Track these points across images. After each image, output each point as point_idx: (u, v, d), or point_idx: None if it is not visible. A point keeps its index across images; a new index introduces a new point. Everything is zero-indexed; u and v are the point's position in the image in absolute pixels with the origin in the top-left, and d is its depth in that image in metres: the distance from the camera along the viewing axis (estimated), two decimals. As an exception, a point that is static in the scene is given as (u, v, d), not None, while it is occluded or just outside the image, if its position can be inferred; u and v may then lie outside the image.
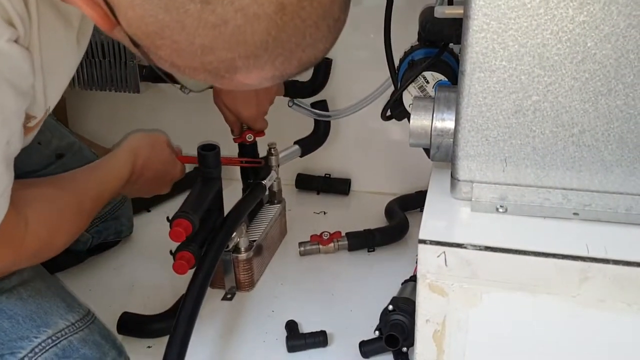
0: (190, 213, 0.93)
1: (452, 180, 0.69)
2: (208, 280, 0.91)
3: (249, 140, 1.14)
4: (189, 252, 0.93)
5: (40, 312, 0.79)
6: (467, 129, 0.65)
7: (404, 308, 0.89)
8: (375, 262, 1.17)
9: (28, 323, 0.77)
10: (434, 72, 0.85)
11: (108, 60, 1.30)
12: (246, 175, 1.17)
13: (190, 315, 0.85)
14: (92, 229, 1.14)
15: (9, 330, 0.76)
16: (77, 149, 1.12)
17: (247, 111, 1.11)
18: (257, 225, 1.15)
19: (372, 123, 1.34)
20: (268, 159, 1.18)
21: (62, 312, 0.80)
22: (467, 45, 0.62)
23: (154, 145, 0.98)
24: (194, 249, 0.94)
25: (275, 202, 1.22)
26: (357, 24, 1.27)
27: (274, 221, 1.19)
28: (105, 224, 1.16)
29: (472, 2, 0.60)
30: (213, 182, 1.03)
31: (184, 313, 0.85)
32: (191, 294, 0.88)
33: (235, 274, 1.09)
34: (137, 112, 1.45)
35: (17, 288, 0.79)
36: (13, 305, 0.78)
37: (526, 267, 0.62)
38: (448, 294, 0.64)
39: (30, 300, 0.79)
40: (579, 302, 0.63)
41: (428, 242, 0.63)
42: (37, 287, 0.82)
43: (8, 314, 0.77)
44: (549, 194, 0.66)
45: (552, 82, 0.62)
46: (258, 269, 1.12)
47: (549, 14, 0.59)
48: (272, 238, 1.19)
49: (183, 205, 0.96)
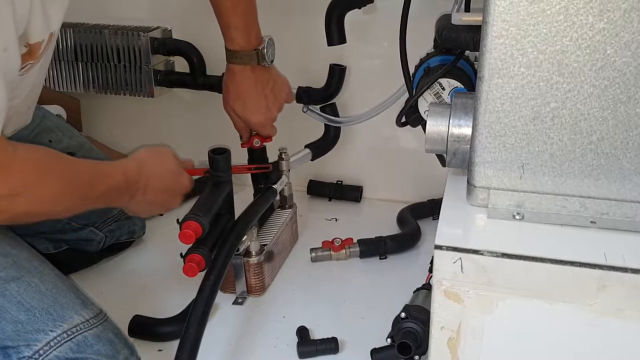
0: (200, 215, 0.93)
1: (469, 187, 0.68)
2: (218, 284, 0.91)
3: (256, 145, 1.15)
4: (199, 254, 0.93)
5: (56, 306, 0.79)
6: (484, 135, 0.65)
7: (417, 316, 0.88)
8: (387, 269, 1.17)
9: (45, 316, 0.78)
10: (450, 79, 0.85)
11: (123, 65, 1.31)
12: (257, 180, 1.18)
13: (200, 318, 0.85)
14: (105, 228, 1.14)
15: (26, 322, 0.77)
16: (87, 149, 1.13)
17: (256, 117, 1.11)
18: (268, 229, 1.15)
19: (384, 130, 1.34)
20: (279, 164, 1.18)
21: (77, 307, 0.81)
22: (485, 51, 0.62)
23: (160, 156, 0.97)
24: (204, 251, 0.94)
25: (287, 206, 1.22)
26: (370, 33, 1.28)
27: (285, 226, 1.19)
28: (118, 223, 1.16)
29: (490, 8, 0.60)
30: (224, 185, 1.03)
31: (194, 316, 0.85)
32: (201, 298, 0.87)
33: (246, 278, 1.08)
34: (151, 117, 1.46)
35: (34, 280, 0.80)
36: (31, 297, 0.78)
37: (543, 275, 0.62)
38: (463, 301, 0.64)
39: (48, 293, 0.80)
40: (596, 311, 0.62)
41: (444, 248, 0.63)
42: (54, 282, 0.82)
43: (25, 306, 0.78)
44: (566, 202, 0.66)
45: (570, 89, 0.61)
46: (269, 273, 1.12)
47: (568, 21, 0.59)
48: (284, 243, 1.19)
49: (193, 208, 0.96)
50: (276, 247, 1.15)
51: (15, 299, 0.78)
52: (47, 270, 0.83)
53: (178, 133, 1.44)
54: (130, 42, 1.28)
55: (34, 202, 0.76)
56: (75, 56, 1.33)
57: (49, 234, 1.11)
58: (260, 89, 1.10)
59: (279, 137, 1.18)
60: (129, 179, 0.90)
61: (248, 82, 1.09)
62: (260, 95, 1.11)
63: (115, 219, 1.15)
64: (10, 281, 0.79)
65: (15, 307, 0.77)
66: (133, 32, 1.28)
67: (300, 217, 1.34)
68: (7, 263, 0.80)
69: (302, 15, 1.31)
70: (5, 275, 0.79)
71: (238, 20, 1.06)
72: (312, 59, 1.32)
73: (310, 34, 1.25)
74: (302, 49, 1.33)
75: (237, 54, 1.07)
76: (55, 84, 1.36)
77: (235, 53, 1.07)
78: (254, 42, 1.07)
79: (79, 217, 1.11)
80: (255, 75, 1.09)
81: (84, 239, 1.13)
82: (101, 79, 1.33)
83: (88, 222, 1.12)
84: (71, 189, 0.81)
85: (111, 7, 1.32)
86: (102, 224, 1.14)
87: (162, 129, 1.47)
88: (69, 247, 1.14)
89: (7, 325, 0.77)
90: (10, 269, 0.80)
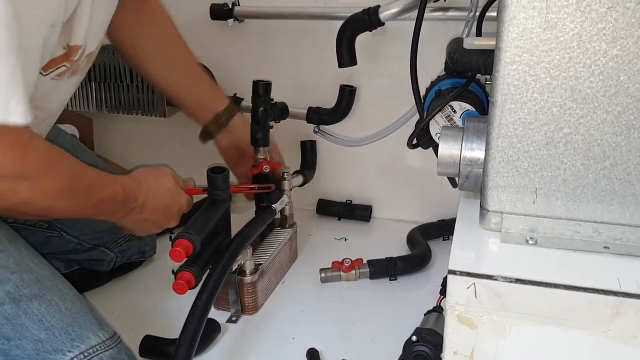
0: (192, 234, 0.93)
1: (482, 211, 0.68)
2: (211, 302, 0.91)
3: (265, 171, 1.16)
4: (190, 272, 0.93)
5: (75, 326, 0.80)
6: (497, 160, 0.65)
7: (428, 339, 0.88)
8: (397, 291, 1.16)
9: (64, 336, 0.78)
10: (462, 102, 0.85)
11: (136, 85, 1.33)
12: (260, 199, 1.18)
13: (192, 336, 0.86)
14: (116, 248, 1.15)
15: (45, 341, 0.77)
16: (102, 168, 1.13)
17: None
18: (265, 248, 1.16)
19: (394, 150, 1.35)
20: (280, 184, 1.19)
21: (95, 328, 0.82)
22: (498, 77, 0.63)
23: (159, 176, 0.98)
24: (195, 270, 0.94)
25: (287, 226, 1.23)
26: (381, 54, 1.29)
27: (284, 245, 1.19)
28: (129, 243, 1.17)
29: (504, 34, 0.61)
30: (221, 204, 1.03)
31: (186, 334, 0.85)
32: (193, 316, 0.88)
33: (240, 297, 1.08)
34: (163, 136, 1.47)
35: (55, 299, 0.81)
36: (52, 316, 0.79)
37: (557, 301, 0.62)
38: (477, 326, 0.64)
39: (67, 313, 0.81)
40: (610, 338, 0.62)
41: (458, 273, 0.63)
42: (73, 301, 0.83)
43: (46, 325, 0.79)
44: (579, 227, 0.66)
45: (584, 115, 0.62)
46: (263, 293, 1.12)
47: (582, 48, 0.59)
48: (281, 262, 1.19)
49: (187, 226, 0.96)
50: (272, 267, 1.15)
51: (37, 317, 0.78)
52: (67, 289, 0.84)
53: (189, 153, 1.45)
54: (143, 63, 1.30)
55: (36, 192, 0.76)
56: (89, 76, 1.34)
57: (60, 254, 1.12)
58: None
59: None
60: (128, 194, 0.90)
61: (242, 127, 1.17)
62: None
63: (127, 239, 1.15)
64: (33, 299, 0.79)
65: (36, 325, 0.78)
66: (146, 53, 1.29)
67: (309, 236, 1.35)
68: (31, 280, 0.81)
69: (314, 37, 1.33)
70: (28, 293, 0.80)
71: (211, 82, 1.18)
72: (323, 79, 1.33)
73: (322, 55, 1.27)
74: (313, 70, 1.35)
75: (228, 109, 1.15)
76: (69, 103, 1.37)
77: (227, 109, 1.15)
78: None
79: (90, 237, 1.12)
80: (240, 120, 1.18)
81: (95, 259, 1.14)
82: (114, 98, 1.34)
83: (99, 243, 1.13)
84: (72, 188, 0.81)
85: (125, 28, 1.33)
86: (113, 244, 1.14)
87: (174, 148, 1.48)
88: (80, 267, 1.15)
89: (28, 344, 0.77)
90: (33, 287, 0.80)
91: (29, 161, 0.73)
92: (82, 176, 0.83)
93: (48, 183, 0.77)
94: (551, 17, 0.59)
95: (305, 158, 1.39)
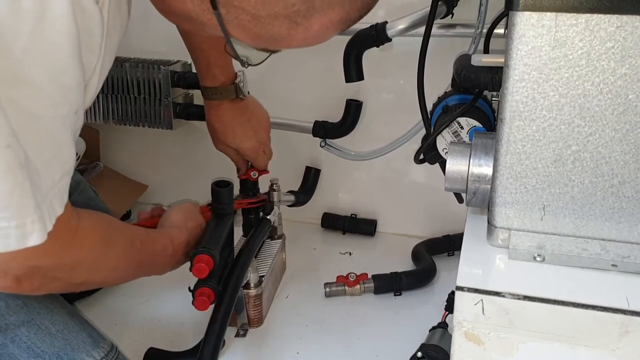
0: (211, 248, 0.93)
1: (489, 227, 0.68)
2: (229, 316, 0.91)
3: (253, 177, 1.17)
4: (209, 288, 0.93)
5: (67, 349, 0.79)
6: (505, 176, 0.65)
7: (434, 355, 0.87)
8: (402, 306, 1.16)
9: None
10: (469, 118, 0.86)
11: (143, 97, 1.33)
12: (248, 211, 1.18)
13: (212, 352, 0.85)
14: None
15: None
16: (82, 189, 1.10)
17: (247, 143, 1.14)
18: (262, 260, 1.16)
19: (399, 164, 1.35)
20: (270, 195, 1.20)
21: (88, 348, 0.80)
22: (507, 94, 0.63)
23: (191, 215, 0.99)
24: (213, 284, 0.93)
25: (276, 237, 1.23)
26: (387, 69, 1.30)
27: (277, 256, 1.19)
28: None
29: (512, 52, 0.61)
30: (226, 218, 1.03)
31: (207, 350, 0.85)
32: (213, 330, 0.88)
33: (246, 310, 1.08)
34: (170, 148, 1.48)
35: (44, 322, 0.79)
36: (41, 341, 0.77)
37: (565, 318, 0.61)
38: (484, 343, 0.64)
39: (58, 335, 0.79)
40: (618, 356, 0.61)
41: (466, 289, 0.63)
42: (65, 321, 0.81)
43: (36, 352, 0.77)
44: (587, 244, 0.66)
45: (592, 133, 0.62)
46: (266, 304, 1.12)
47: (590, 66, 0.60)
48: (276, 274, 1.20)
49: (202, 241, 0.96)
50: (271, 278, 1.15)
51: (25, 344, 0.77)
52: (57, 307, 0.81)
53: (196, 165, 1.46)
54: (150, 75, 1.30)
55: (94, 271, 0.75)
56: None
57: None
58: (243, 117, 1.14)
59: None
60: (175, 245, 0.91)
61: (230, 113, 1.12)
62: (245, 123, 1.14)
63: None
64: (21, 326, 0.77)
65: (25, 353, 0.76)
66: (153, 66, 1.30)
67: (314, 250, 1.35)
68: (17, 306, 0.78)
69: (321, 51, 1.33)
70: (15, 320, 0.77)
71: (218, 56, 1.08)
72: (329, 94, 1.34)
73: (329, 69, 1.27)
74: (319, 84, 1.35)
75: (218, 90, 1.11)
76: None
77: (215, 89, 1.11)
78: (232, 76, 1.11)
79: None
80: (235, 106, 1.13)
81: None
82: (121, 110, 1.34)
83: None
84: (128, 257, 0.81)
85: (132, 41, 1.34)
86: None
87: (181, 160, 1.48)
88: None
89: None
90: (20, 313, 0.78)
91: (82, 247, 0.72)
92: (134, 241, 0.83)
93: (106, 261, 0.76)
94: (560, 35, 0.59)
95: (305, 183, 1.39)
